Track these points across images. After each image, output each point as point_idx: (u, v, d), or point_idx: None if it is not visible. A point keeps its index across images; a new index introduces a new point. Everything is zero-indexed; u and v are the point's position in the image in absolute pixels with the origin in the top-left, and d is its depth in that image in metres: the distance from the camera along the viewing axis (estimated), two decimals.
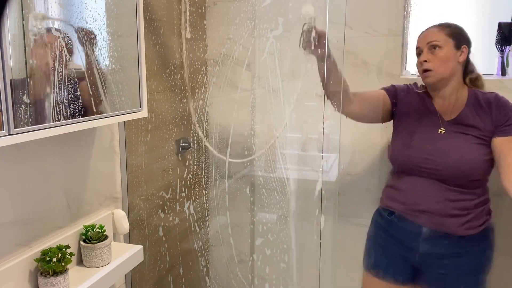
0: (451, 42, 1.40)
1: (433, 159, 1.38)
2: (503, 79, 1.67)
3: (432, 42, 1.40)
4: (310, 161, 1.96)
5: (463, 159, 1.35)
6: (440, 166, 1.36)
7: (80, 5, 1.02)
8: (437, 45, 1.39)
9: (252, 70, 1.98)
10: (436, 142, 1.40)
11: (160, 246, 1.76)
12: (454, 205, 1.37)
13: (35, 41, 0.88)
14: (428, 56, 1.40)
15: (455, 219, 1.37)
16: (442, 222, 1.38)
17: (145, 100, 1.23)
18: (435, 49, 1.39)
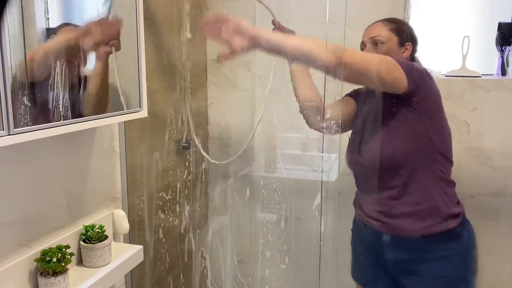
0: (395, 38, 1.36)
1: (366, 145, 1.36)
2: (503, 79, 1.67)
3: (375, 38, 1.37)
4: (310, 161, 1.96)
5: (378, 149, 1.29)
6: (363, 160, 1.36)
7: (80, 4, 1.02)
8: (380, 40, 1.36)
9: (252, 70, 1.97)
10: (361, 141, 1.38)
11: (160, 246, 1.76)
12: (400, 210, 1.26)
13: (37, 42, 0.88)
14: (371, 50, 1.37)
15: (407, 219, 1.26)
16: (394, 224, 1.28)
17: (145, 100, 1.23)
18: (377, 45, 1.36)
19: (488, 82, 1.66)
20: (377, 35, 1.37)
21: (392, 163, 1.26)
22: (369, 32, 1.39)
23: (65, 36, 0.95)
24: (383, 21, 1.39)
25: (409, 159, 1.24)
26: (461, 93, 1.68)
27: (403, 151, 1.25)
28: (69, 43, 0.97)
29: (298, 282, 2.09)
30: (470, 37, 1.71)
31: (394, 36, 1.36)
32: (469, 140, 1.70)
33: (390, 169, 1.26)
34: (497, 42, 1.69)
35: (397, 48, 1.36)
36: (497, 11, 1.75)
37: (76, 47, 0.99)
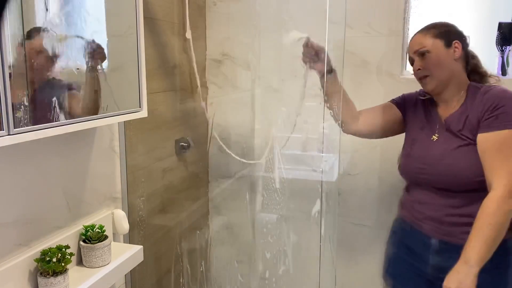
0: (440, 42, 1.30)
1: (426, 167, 1.30)
2: (503, 79, 1.67)
3: (420, 50, 1.32)
4: (310, 161, 1.96)
5: (453, 164, 1.25)
6: (434, 174, 1.29)
7: (80, 4, 1.02)
8: (426, 50, 1.30)
9: (252, 70, 1.98)
10: (431, 147, 1.32)
11: (160, 246, 1.76)
12: (457, 211, 1.25)
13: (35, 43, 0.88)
14: (420, 63, 1.31)
15: (463, 228, 1.22)
16: (448, 231, 1.26)
17: (145, 100, 1.23)
18: (424, 55, 1.31)
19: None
20: (421, 47, 1.31)
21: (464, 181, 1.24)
22: (412, 47, 1.35)
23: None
24: (422, 31, 1.34)
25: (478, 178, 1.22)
26: None
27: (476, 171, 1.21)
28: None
29: (298, 282, 2.09)
30: (470, 37, 1.71)
31: (438, 41, 1.30)
32: None
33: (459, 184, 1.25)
34: (497, 42, 1.69)
35: (445, 51, 1.30)
36: (497, 11, 1.75)
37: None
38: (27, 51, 0.86)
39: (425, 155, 1.32)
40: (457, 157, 1.25)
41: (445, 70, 1.30)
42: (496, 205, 1.13)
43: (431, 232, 1.30)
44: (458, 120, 1.27)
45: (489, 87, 1.27)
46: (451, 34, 1.32)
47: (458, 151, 1.25)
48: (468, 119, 1.25)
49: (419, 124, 1.40)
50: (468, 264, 1.13)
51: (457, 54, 1.30)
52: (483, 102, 1.22)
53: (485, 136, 1.19)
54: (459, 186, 1.24)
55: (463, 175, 1.23)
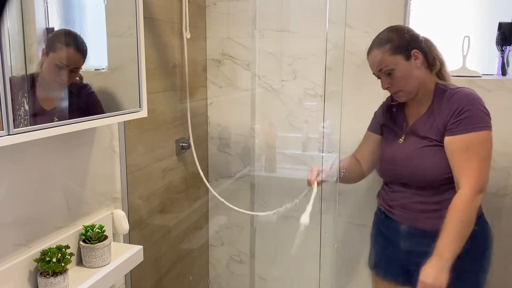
0: (399, 57, 1.33)
1: (397, 168, 1.39)
2: (503, 79, 1.67)
3: (383, 69, 1.35)
4: (310, 161, 1.96)
5: (421, 163, 1.33)
6: (404, 173, 1.37)
7: (79, 4, 1.02)
8: (389, 70, 1.34)
9: (252, 70, 1.98)
10: (398, 149, 1.40)
11: (160, 246, 1.75)
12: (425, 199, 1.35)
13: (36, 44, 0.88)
14: (388, 81, 1.36)
15: (428, 214, 1.34)
16: (415, 217, 1.36)
17: (145, 100, 1.23)
18: (390, 75, 1.35)
19: (488, 82, 1.66)
20: (383, 66, 1.34)
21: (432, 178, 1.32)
22: (373, 66, 1.38)
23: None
24: (379, 47, 1.35)
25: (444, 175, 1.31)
26: None
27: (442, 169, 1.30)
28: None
29: (298, 282, 2.09)
30: (471, 37, 1.71)
31: (398, 57, 1.33)
32: None
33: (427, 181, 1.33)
34: (497, 42, 1.69)
35: (407, 64, 1.34)
36: (497, 11, 1.75)
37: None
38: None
39: (394, 157, 1.41)
40: (424, 157, 1.33)
41: (413, 81, 1.35)
42: (465, 203, 1.23)
43: (401, 219, 1.40)
44: (424, 124, 1.35)
45: (454, 90, 1.32)
46: (407, 44, 1.35)
47: (424, 151, 1.33)
48: (434, 123, 1.32)
49: (388, 129, 1.49)
50: (442, 259, 1.21)
51: (418, 62, 1.35)
52: (449, 106, 1.29)
53: (451, 139, 1.28)
54: (428, 182, 1.33)
55: (431, 173, 1.32)
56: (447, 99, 1.31)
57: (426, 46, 1.37)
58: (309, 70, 1.89)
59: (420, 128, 1.36)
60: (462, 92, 1.30)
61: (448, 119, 1.29)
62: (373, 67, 1.39)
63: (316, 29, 1.84)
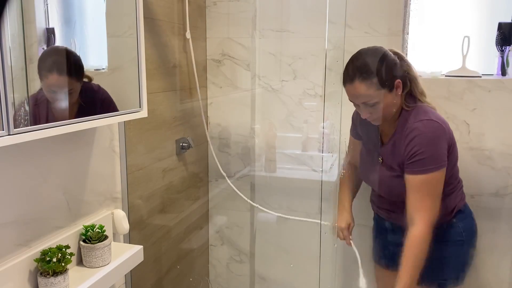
0: (385, 90, 1.33)
1: (374, 186, 1.54)
2: (503, 79, 1.67)
3: (367, 102, 1.34)
4: (310, 161, 1.96)
5: (390, 190, 1.47)
6: (381, 192, 1.52)
7: (79, 4, 1.02)
8: (374, 103, 1.33)
9: (252, 70, 1.98)
10: (373, 172, 1.50)
11: (160, 246, 1.76)
12: (400, 206, 1.43)
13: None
14: (368, 110, 1.36)
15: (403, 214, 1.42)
16: (397, 216, 1.48)
17: (145, 100, 1.23)
18: (372, 106, 1.34)
19: (488, 82, 1.66)
20: (368, 100, 1.33)
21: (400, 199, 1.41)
22: (356, 97, 1.35)
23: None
24: (363, 79, 1.32)
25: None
26: (461, 93, 1.68)
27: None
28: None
29: (298, 282, 2.09)
30: (470, 37, 1.71)
31: (384, 90, 1.33)
32: (469, 140, 1.70)
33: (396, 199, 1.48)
34: (497, 42, 1.69)
35: (391, 95, 1.35)
36: (497, 11, 1.75)
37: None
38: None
39: (369, 177, 1.55)
40: (391, 185, 1.44)
41: (392, 108, 1.38)
42: (419, 239, 1.33)
43: (389, 218, 1.56)
44: (390, 154, 1.43)
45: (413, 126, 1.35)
46: (392, 75, 1.34)
47: (392, 181, 1.43)
48: (396, 156, 1.40)
49: (365, 140, 1.56)
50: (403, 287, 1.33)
51: (399, 91, 1.36)
52: (406, 144, 1.35)
53: (407, 177, 1.36)
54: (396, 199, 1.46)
55: (399, 196, 1.41)
56: (406, 135, 1.36)
57: (402, 70, 1.38)
58: (309, 70, 1.89)
59: (387, 156, 1.45)
60: (419, 132, 1.34)
61: (405, 157, 1.36)
62: (354, 98, 1.36)
63: (316, 29, 1.84)
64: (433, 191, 1.35)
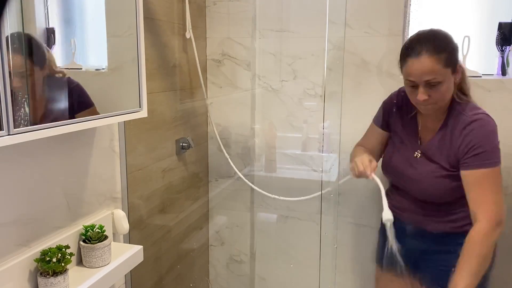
0: (449, 71, 1.24)
1: (406, 183, 1.40)
2: (503, 79, 1.67)
3: (430, 81, 1.23)
4: (310, 161, 1.96)
5: (430, 188, 1.35)
6: (412, 190, 1.39)
7: (79, 4, 1.02)
8: (437, 82, 1.23)
9: (252, 70, 1.98)
10: (410, 167, 1.39)
11: (160, 246, 1.76)
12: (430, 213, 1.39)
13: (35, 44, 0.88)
14: (428, 92, 1.25)
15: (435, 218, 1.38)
16: (421, 219, 1.40)
17: (145, 100, 1.23)
18: (434, 86, 1.24)
19: (488, 82, 1.66)
20: (433, 78, 1.22)
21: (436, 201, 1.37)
22: (421, 74, 1.23)
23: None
24: (431, 54, 1.22)
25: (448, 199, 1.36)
26: None
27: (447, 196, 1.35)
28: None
29: (298, 282, 2.09)
30: (471, 37, 1.71)
31: (449, 70, 1.24)
32: None
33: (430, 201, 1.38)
34: (497, 42, 1.69)
35: (452, 77, 1.27)
36: (497, 11, 1.75)
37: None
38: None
39: (403, 172, 1.40)
40: (432, 184, 1.34)
41: (449, 96, 1.30)
42: (482, 237, 1.23)
43: (408, 219, 1.42)
44: (437, 149, 1.34)
45: (471, 118, 1.29)
46: (456, 56, 1.28)
47: (433, 180, 1.34)
48: (447, 151, 1.31)
49: (399, 135, 1.45)
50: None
51: (459, 77, 1.30)
52: (464, 138, 1.28)
53: (467, 173, 1.28)
54: (430, 201, 1.37)
55: (436, 198, 1.36)
56: (462, 128, 1.29)
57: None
58: (309, 70, 1.89)
59: (432, 152, 1.35)
60: (478, 124, 1.28)
61: (464, 152, 1.28)
62: (418, 75, 1.24)
63: (316, 29, 1.84)
64: (497, 185, 1.27)
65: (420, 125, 1.40)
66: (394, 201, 1.45)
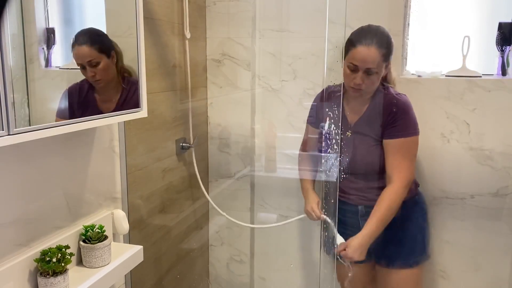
0: (382, 64, 1.44)
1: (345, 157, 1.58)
2: (503, 79, 1.67)
3: (371, 69, 1.43)
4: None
5: (364, 160, 1.55)
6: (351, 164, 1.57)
7: (80, 4, 1.02)
8: (374, 71, 1.43)
9: (252, 70, 1.98)
10: (346, 145, 1.57)
11: (160, 246, 1.76)
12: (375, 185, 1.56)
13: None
14: (365, 80, 1.44)
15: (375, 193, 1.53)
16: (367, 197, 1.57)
17: (145, 100, 1.23)
18: (371, 74, 1.44)
19: (488, 82, 1.66)
20: (372, 67, 1.42)
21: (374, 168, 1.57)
22: (364, 61, 1.42)
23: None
24: (379, 47, 1.43)
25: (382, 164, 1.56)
26: (461, 93, 1.68)
27: (379, 160, 1.55)
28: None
29: (298, 282, 2.09)
30: (471, 37, 1.71)
31: (385, 63, 1.46)
32: (469, 140, 1.70)
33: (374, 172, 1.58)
34: (497, 42, 1.69)
35: (384, 69, 1.48)
36: (497, 11, 1.75)
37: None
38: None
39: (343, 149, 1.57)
40: (366, 155, 1.55)
41: (376, 86, 1.51)
42: (395, 194, 1.48)
43: (357, 201, 1.60)
44: (366, 125, 1.54)
45: (393, 97, 1.51)
46: (391, 52, 1.48)
47: (368, 149, 1.54)
48: (375, 124, 1.52)
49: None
50: (368, 237, 1.47)
51: (386, 71, 1.50)
52: (388, 113, 1.50)
53: (388, 142, 1.51)
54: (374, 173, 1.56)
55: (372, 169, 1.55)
56: (387, 105, 1.51)
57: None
58: (309, 70, 1.89)
59: (362, 127, 1.55)
60: (400, 101, 1.50)
61: (387, 123, 1.50)
62: (363, 61, 1.42)
63: (316, 29, 1.84)
64: (411, 153, 1.52)
65: (348, 108, 1.58)
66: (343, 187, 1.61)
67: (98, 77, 1.05)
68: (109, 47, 1.09)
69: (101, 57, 1.06)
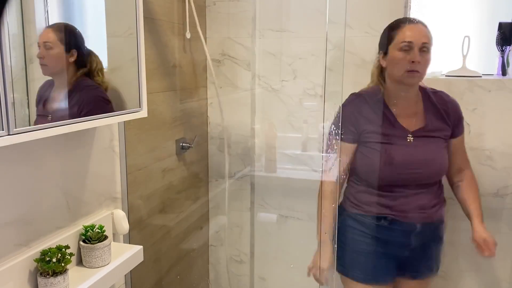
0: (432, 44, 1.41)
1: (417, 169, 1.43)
2: (503, 79, 1.67)
3: (426, 45, 1.37)
4: (310, 161, 1.96)
5: (440, 161, 1.47)
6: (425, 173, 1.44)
7: (79, 4, 1.02)
8: (428, 49, 1.38)
9: (252, 70, 1.97)
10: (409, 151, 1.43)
11: (160, 246, 1.75)
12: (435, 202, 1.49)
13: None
14: (420, 58, 1.37)
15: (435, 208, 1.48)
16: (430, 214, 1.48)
17: (145, 100, 1.23)
18: (426, 52, 1.38)
19: (488, 82, 1.66)
20: (427, 42, 1.38)
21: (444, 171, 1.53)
22: (419, 37, 1.37)
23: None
24: (423, 24, 1.41)
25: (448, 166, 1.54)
26: (461, 93, 1.68)
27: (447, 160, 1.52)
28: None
29: (298, 282, 2.09)
30: (471, 37, 1.71)
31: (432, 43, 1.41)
32: (469, 140, 1.70)
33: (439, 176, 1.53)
34: (497, 42, 1.69)
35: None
36: (497, 11, 1.75)
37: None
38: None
39: (411, 160, 1.43)
40: (438, 156, 1.47)
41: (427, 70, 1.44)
42: (475, 179, 1.55)
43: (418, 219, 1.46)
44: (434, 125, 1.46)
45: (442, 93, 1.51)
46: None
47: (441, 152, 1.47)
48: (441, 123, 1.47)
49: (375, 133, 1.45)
50: (481, 221, 1.48)
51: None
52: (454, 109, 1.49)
53: (459, 139, 1.52)
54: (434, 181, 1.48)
55: (443, 171, 1.50)
56: (445, 102, 1.48)
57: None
58: (309, 70, 1.89)
59: (431, 129, 1.45)
60: (447, 94, 1.52)
61: (455, 121, 1.49)
62: (417, 37, 1.37)
63: (316, 29, 1.84)
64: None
65: (398, 113, 1.45)
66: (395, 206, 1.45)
67: (45, 61, 0.98)
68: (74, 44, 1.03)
69: (59, 46, 1.01)
